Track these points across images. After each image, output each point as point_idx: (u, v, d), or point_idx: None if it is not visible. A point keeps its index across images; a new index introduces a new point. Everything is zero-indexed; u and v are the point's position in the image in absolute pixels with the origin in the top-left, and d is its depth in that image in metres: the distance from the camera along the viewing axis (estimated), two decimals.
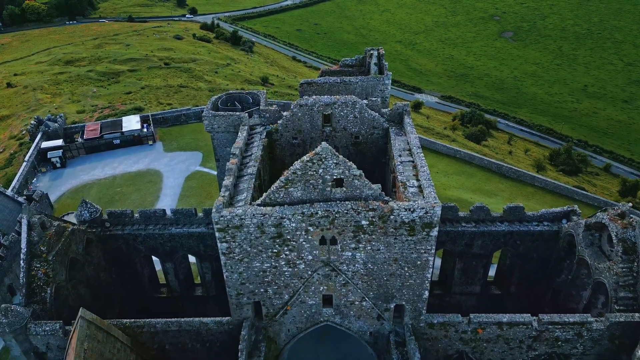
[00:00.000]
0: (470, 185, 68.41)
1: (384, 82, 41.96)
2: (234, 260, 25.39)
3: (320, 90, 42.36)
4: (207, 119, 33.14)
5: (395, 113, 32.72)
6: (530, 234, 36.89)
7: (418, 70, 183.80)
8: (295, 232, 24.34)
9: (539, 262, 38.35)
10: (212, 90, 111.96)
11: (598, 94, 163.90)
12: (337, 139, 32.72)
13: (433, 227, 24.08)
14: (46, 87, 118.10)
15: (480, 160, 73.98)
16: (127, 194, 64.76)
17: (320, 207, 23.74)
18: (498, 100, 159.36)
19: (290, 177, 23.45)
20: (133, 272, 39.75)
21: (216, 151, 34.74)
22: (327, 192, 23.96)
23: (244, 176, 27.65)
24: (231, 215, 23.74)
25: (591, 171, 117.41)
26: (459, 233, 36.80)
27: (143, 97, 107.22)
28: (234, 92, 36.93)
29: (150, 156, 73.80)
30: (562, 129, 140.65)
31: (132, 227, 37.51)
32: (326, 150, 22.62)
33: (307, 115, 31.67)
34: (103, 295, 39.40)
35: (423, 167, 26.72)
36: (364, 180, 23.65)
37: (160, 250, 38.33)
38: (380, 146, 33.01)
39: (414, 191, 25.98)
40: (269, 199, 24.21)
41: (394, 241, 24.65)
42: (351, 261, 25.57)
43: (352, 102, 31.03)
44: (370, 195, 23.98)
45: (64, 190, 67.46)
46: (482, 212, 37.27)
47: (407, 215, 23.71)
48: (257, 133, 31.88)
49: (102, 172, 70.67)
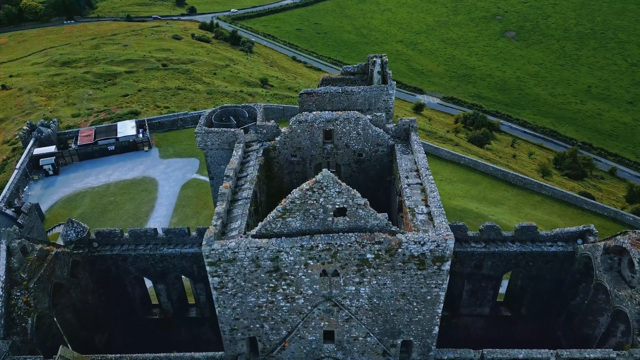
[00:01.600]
0: (475, 193, 66.27)
1: (387, 92, 39.85)
2: (226, 295, 23.28)
3: (320, 100, 40.24)
4: (200, 135, 31.01)
5: (401, 129, 30.57)
6: (544, 254, 34.80)
7: (419, 71, 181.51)
8: (294, 266, 22.23)
9: (552, 284, 36.28)
10: (211, 92, 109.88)
11: (602, 95, 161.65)
12: (339, 156, 30.59)
13: (445, 261, 21.97)
14: (41, 90, 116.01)
15: (485, 167, 71.81)
16: (121, 203, 62.65)
17: (321, 239, 21.61)
18: (501, 102, 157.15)
19: (289, 207, 21.32)
20: (123, 293, 37.66)
21: (210, 168, 32.63)
22: (329, 222, 21.84)
23: (239, 200, 25.52)
24: (223, 248, 21.62)
25: (596, 175, 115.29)
26: (468, 254, 34.69)
27: (140, 99, 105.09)
28: (229, 105, 34.77)
29: (145, 163, 71.68)
30: (566, 131, 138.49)
31: (122, 247, 35.44)
32: (328, 178, 20.48)
33: (306, 131, 29.53)
34: (91, 319, 37.30)
35: (433, 192, 24.57)
36: (369, 209, 21.52)
37: (151, 271, 36.27)
38: (385, 164, 30.89)
39: (423, 219, 23.84)
40: (265, 230, 22.08)
41: (402, 275, 22.54)
42: (355, 296, 23.46)
43: (355, 118, 28.88)
44: (376, 226, 21.85)
45: (56, 199, 65.37)
46: (492, 231, 35.12)
47: (416, 249, 21.58)
48: (253, 151, 29.74)
49: (96, 180, 68.56)
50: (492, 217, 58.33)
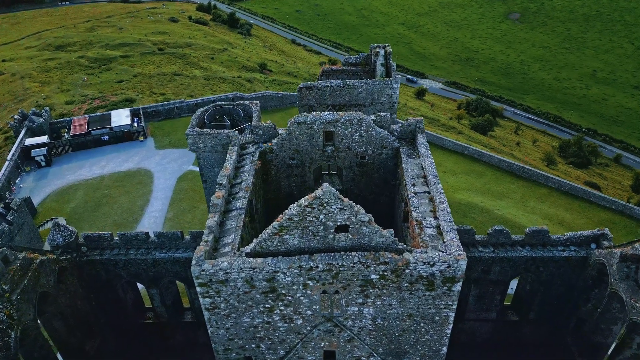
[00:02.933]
0: (479, 186, 64.39)
1: (391, 86, 37.72)
2: (219, 315, 21.62)
3: (320, 94, 38.14)
4: (192, 137, 28.99)
5: (407, 130, 28.55)
6: (555, 260, 33.09)
7: (422, 54, 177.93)
8: (292, 286, 20.50)
9: (562, 289, 34.72)
10: (208, 78, 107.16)
11: (607, 79, 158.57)
12: (340, 159, 28.64)
13: (456, 282, 20.23)
14: (35, 75, 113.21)
15: (490, 157, 69.80)
16: (115, 196, 60.85)
17: (321, 259, 19.83)
18: (504, 86, 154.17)
19: (286, 224, 19.48)
20: (114, 298, 36.13)
21: (203, 171, 30.69)
22: (330, 240, 20.04)
23: (232, 211, 23.66)
24: (214, 269, 19.86)
25: (601, 162, 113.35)
26: (475, 259, 32.94)
27: (135, 86, 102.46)
28: (222, 104, 32.63)
29: (140, 154, 69.67)
30: (571, 116, 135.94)
31: (112, 251, 33.75)
32: (329, 194, 18.60)
33: (306, 133, 27.51)
34: (81, 325, 35.82)
35: (442, 203, 22.70)
36: (374, 226, 19.69)
37: (143, 276, 34.66)
38: (390, 167, 28.96)
39: (432, 233, 22.02)
40: (260, 247, 20.29)
41: (409, 296, 20.84)
42: (358, 316, 21.80)
43: (358, 119, 26.84)
44: (381, 244, 20.04)
45: (48, 192, 63.55)
46: (501, 235, 33.36)
47: (425, 269, 19.83)
48: (248, 154, 27.76)
49: (90, 171, 66.65)
50: (497, 212, 56.60)
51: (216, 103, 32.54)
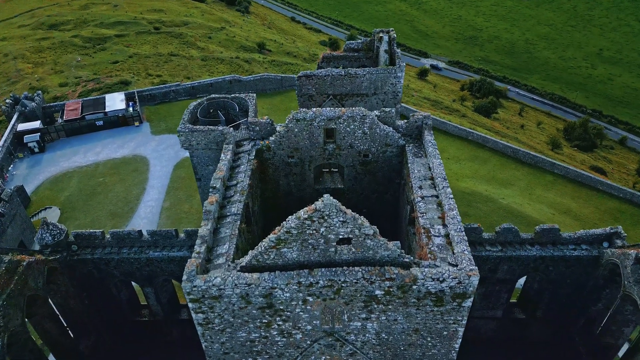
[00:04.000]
0: (484, 173, 62.79)
1: (395, 75, 35.79)
2: (213, 330, 20.33)
3: (321, 84, 36.23)
4: (184, 134, 27.27)
5: (413, 126, 26.80)
6: (566, 259, 31.74)
7: (424, 33, 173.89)
8: (290, 302, 19.14)
9: (572, 288, 33.51)
10: (205, 59, 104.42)
11: (614, 58, 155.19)
12: (342, 157, 27.00)
13: (467, 298, 18.84)
14: (28, 56, 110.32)
15: (495, 143, 67.97)
16: (110, 185, 59.35)
17: (322, 275, 18.41)
18: (508, 66, 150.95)
19: (283, 237, 17.99)
20: (108, 296, 34.95)
21: (196, 169, 29.07)
22: (331, 253, 18.58)
23: (227, 217, 22.16)
24: (207, 285, 18.44)
25: (606, 145, 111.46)
26: (482, 258, 31.64)
27: (131, 67, 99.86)
28: (216, 97, 30.76)
29: (136, 140, 67.87)
30: (576, 97, 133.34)
31: (104, 250, 32.42)
32: (330, 207, 17.05)
33: (305, 131, 25.79)
34: (75, 325, 34.79)
35: (452, 209, 21.16)
36: (379, 239, 18.21)
37: (137, 275, 33.45)
38: (395, 165, 27.33)
39: (441, 243, 20.54)
40: (256, 261, 18.85)
41: (416, 312, 19.50)
42: (361, 331, 20.51)
43: (361, 115, 25.08)
44: (386, 257, 18.59)
45: (42, 179, 62.00)
46: (509, 233, 31.94)
47: (434, 285, 18.42)
48: (244, 152, 26.10)
49: (84, 158, 64.98)
50: (502, 201, 55.16)
51: (210, 96, 30.67)
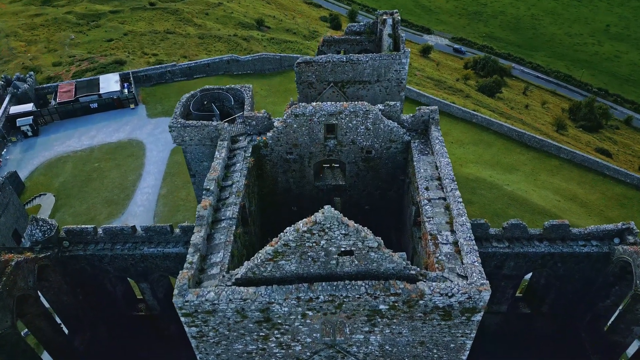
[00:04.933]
0: (488, 157, 61.33)
1: (400, 61, 34.03)
2: (208, 342, 19.31)
3: (321, 71, 34.50)
4: (176, 130, 25.76)
5: (419, 121, 25.26)
6: (575, 255, 30.60)
7: (427, 8, 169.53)
8: (289, 316, 18.04)
9: (580, 284, 32.46)
10: (202, 37, 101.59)
11: (621, 35, 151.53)
12: (344, 153, 25.57)
13: (477, 312, 17.72)
14: (20, 33, 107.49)
15: (500, 126, 66.26)
16: (106, 170, 58.02)
17: (322, 289, 17.25)
18: (513, 43, 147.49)
19: (281, 250, 16.76)
20: (103, 291, 34.01)
21: (190, 165, 27.68)
22: (332, 266, 17.36)
23: (222, 221, 20.90)
24: (199, 300, 17.29)
25: (612, 125, 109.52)
26: (489, 254, 30.47)
27: (126, 45, 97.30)
28: (210, 88, 29.07)
29: (131, 123, 66.18)
30: (582, 75, 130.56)
31: (96, 246, 31.27)
32: (331, 220, 15.75)
33: (304, 126, 24.28)
34: (69, 320, 33.99)
35: (461, 215, 19.88)
36: (384, 251, 16.99)
37: (132, 271, 32.40)
38: (399, 162, 25.93)
39: (449, 251, 19.33)
40: (252, 273, 17.67)
41: (422, 325, 18.42)
42: (363, 343, 19.49)
43: (364, 110, 23.54)
44: (391, 269, 17.38)
45: (36, 164, 60.64)
46: (517, 229, 30.72)
47: (442, 300, 17.27)
48: (240, 149, 24.65)
49: (79, 142, 63.45)
50: (507, 188, 53.87)
51: (204, 88, 29.00)
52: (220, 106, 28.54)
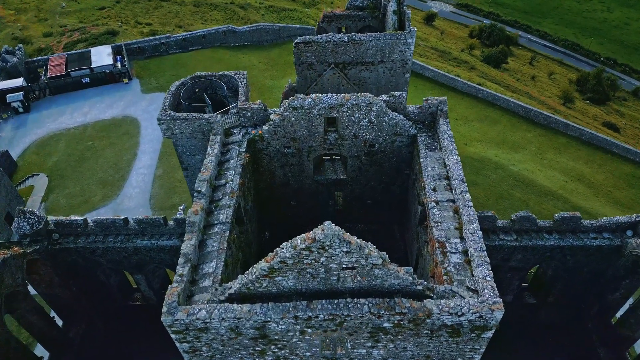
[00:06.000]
0: (493, 135, 59.49)
1: (405, 41, 31.90)
2: (201, 357, 18.24)
3: (321, 51, 32.42)
4: (165, 122, 24.01)
5: (427, 112, 23.51)
6: (585, 248, 29.41)
7: None
8: (286, 333, 16.90)
9: (589, 275, 31.43)
10: (198, 5, 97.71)
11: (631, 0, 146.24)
12: (345, 147, 23.95)
13: (488, 330, 16.55)
14: (9, 1, 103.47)
15: (506, 102, 64.04)
16: (100, 149, 56.38)
17: (322, 308, 16.02)
18: (520, 9, 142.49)
19: (277, 266, 15.45)
20: (97, 282, 33.06)
21: (182, 159, 26.06)
22: (333, 282, 16.08)
23: (214, 226, 19.54)
24: (190, 319, 16.09)
25: (619, 96, 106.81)
26: (495, 247, 29.28)
27: (118, 14, 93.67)
28: (202, 75, 27.09)
29: (125, 99, 64.04)
30: (590, 44, 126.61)
31: (87, 239, 30.06)
32: (332, 237, 14.36)
33: (303, 120, 22.56)
34: (63, 312, 33.20)
35: (472, 222, 18.45)
36: (388, 268, 15.67)
37: (125, 264, 31.35)
38: (404, 155, 24.34)
39: (458, 262, 18.03)
40: (247, 289, 16.40)
41: (429, 341, 17.29)
42: (365, 357, 18.42)
43: (367, 103, 21.77)
44: (397, 285, 16.11)
45: (28, 142, 58.96)
46: (526, 221, 29.41)
47: (451, 319, 16.05)
48: (234, 143, 23.02)
49: (71, 119, 61.53)
50: (512, 168, 52.33)
51: (194, 75, 27.01)
52: (212, 94, 26.66)
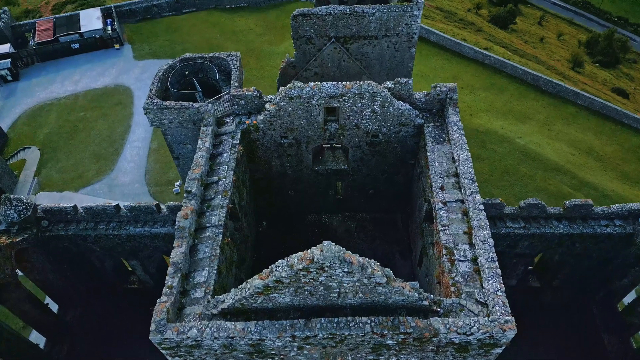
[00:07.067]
0: (500, 105, 57.39)
1: (412, 14, 29.64)
2: None
3: (321, 25, 30.21)
4: (152, 112, 22.27)
5: (435, 100, 21.73)
6: (596, 236, 28.31)
7: None
8: (283, 348, 15.94)
9: (596, 261, 30.51)
10: None
11: None
12: (347, 138, 22.36)
13: (498, 347, 15.58)
14: None
15: (514, 69, 61.48)
16: (92, 121, 54.53)
17: (321, 327, 14.97)
18: None
19: (272, 285, 14.28)
20: (91, 267, 32.27)
21: (172, 148, 24.49)
22: (333, 298, 14.98)
23: (207, 229, 18.30)
24: (180, 337, 15.09)
25: (630, 58, 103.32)
26: (502, 235, 28.19)
27: None
28: (191, 57, 25.01)
29: (117, 66, 61.48)
30: (601, 2, 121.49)
31: (78, 226, 28.94)
32: (332, 259, 13.12)
33: (301, 109, 20.84)
34: (58, 297, 32.56)
35: (483, 228, 17.14)
36: (393, 286, 14.50)
37: (119, 250, 30.43)
38: (409, 146, 22.78)
39: (467, 270, 16.88)
40: (241, 305, 15.32)
41: (434, 355, 16.36)
42: None
43: (371, 92, 20.01)
44: (401, 302, 15.01)
45: (19, 112, 57.01)
46: (535, 209, 28.14)
47: (459, 338, 15.04)
48: (227, 134, 21.42)
49: (62, 87, 59.27)
50: (519, 142, 50.66)
51: (183, 57, 24.92)
52: (203, 78, 24.69)
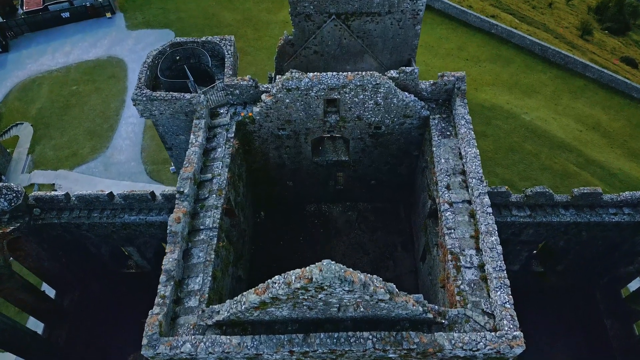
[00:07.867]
0: (506, 77, 55.58)
1: None
2: None
3: (320, 4, 28.39)
4: (142, 103, 20.99)
5: (441, 90, 20.41)
6: (603, 224, 27.56)
7: None
8: None
9: (602, 248, 29.91)
10: None
11: None
12: (348, 130, 21.20)
13: None
14: None
15: (522, 39, 59.24)
16: (85, 95, 52.95)
17: (320, 342, 14.33)
18: None
19: (269, 301, 13.54)
20: (87, 253, 31.71)
21: (164, 139, 23.33)
22: (333, 312, 14.29)
23: (200, 232, 17.46)
24: (174, 352, 14.49)
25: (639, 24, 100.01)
26: (507, 224, 27.44)
27: None
28: (182, 41, 23.42)
29: (109, 36, 59.28)
30: None
31: (71, 213, 28.17)
32: (332, 279, 12.33)
33: (299, 101, 19.59)
34: (54, 283, 32.14)
35: (491, 234, 16.27)
36: (396, 301, 13.76)
37: (114, 237, 29.81)
38: (414, 137, 21.65)
39: (473, 278, 16.13)
40: (236, 317, 14.65)
41: None
42: None
43: (374, 84, 18.71)
44: (404, 315, 14.33)
45: (10, 86, 55.35)
46: (542, 197, 27.28)
47: (464, 353, 14.43)
48: (221, 126, 20.26)
49: (53, 59, 57.34)
50: (525, 118, 49.27)
51: (173, 42, 23.30)
52: (196, 63, 23.18)
